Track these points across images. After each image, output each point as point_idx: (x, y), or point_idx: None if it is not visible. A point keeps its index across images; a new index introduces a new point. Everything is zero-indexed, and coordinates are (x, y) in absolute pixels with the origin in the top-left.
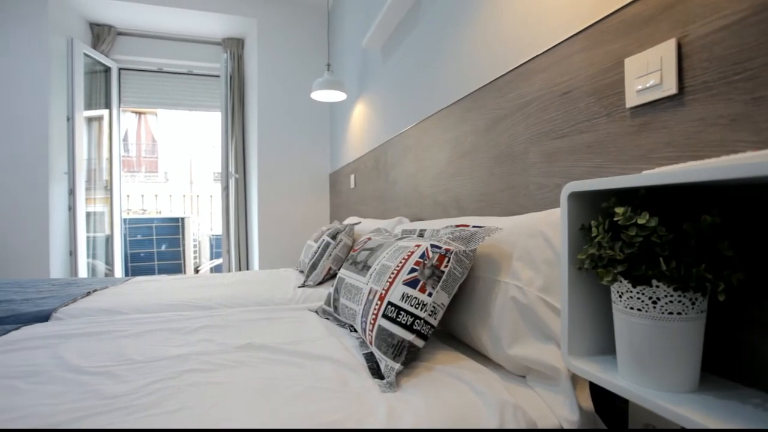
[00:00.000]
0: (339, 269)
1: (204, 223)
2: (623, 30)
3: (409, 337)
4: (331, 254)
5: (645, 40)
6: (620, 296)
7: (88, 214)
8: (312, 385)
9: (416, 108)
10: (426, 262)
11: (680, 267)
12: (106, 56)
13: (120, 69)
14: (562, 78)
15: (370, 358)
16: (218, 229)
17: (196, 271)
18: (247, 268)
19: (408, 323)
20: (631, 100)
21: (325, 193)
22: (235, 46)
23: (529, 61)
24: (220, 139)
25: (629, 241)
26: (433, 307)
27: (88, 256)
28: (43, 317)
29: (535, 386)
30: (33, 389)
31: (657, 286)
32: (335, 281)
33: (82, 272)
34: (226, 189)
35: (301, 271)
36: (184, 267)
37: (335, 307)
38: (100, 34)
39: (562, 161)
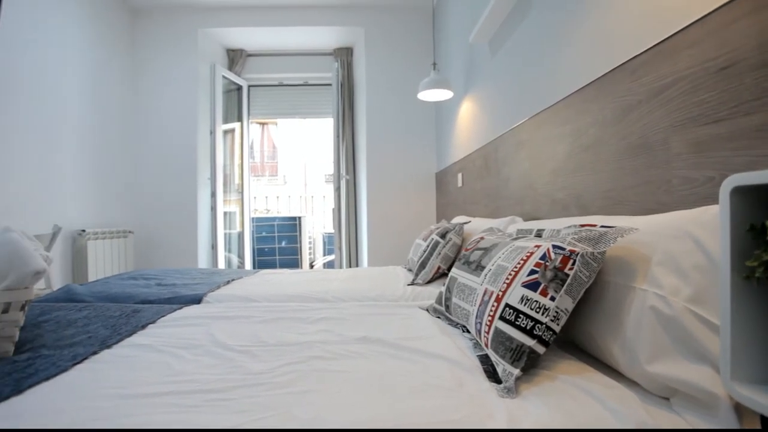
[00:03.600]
0: (448, 268)
1: (317, 222)
2: None
3: (529, 342)
4: (440, 253)
5: None
6: None
7: (224, 214)
8: (427, 382)
9: (529, 101)
10: (548, 263)
11: None
12: (238, 76)
13: (249, 86)
14: (720, 51)
15: (485, 361)
16: (330, 227)
17: (311, 266)
18: (357, 265)
19: (528, 327)
20: None
21: (431, 192)
22: (344, 55)
23: (671, 36)
24: (332, 143)
25: None
26: (556, 312)
27: (225, 250)
28: (197, 300)
29: (684, 412)
30: (194, 359)
31: None
32: (446, 280)
33: (221, 263)
34: (338, 190)
35: (410, 270)
36: (301, 262)
37: (447, 306)
38: (234, 57)
39: (718, 150)
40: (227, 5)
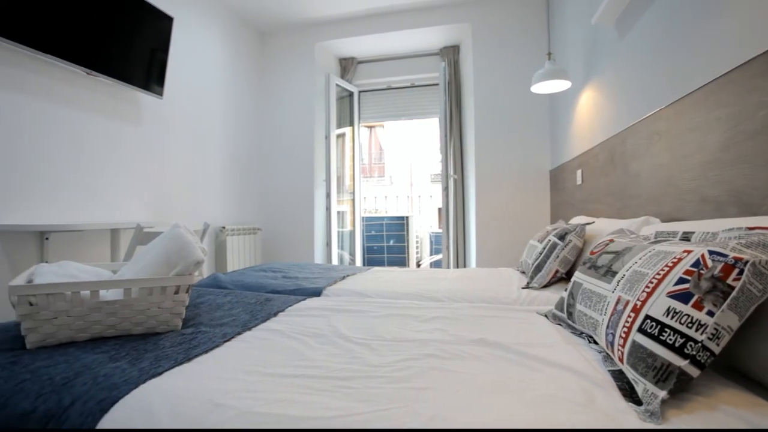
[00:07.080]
0: (567, 273)
1: (424, 221)
2: None
3: (679, 362)
4: (558, 256)
5: None
6: None
7: (337, 213)
8: (552, 393)
9: (668, 85)
10: (703, 272)
11: None
12: (349, 83)
13: (359, 92)
14: None
15: (619, 377)
16: (437, 227)
17: (418, 264)
18: (464, 265)
19: (677, 344)
20: None
21: (544, 190)
22: (451, 54)
23: None
24: (440, 142)
25: None
26: (716, 329)
27: (338, 247)
28: (317, 293)
29: None
30: (319, 347)
31: None
32: (569, 286)
33: (334, 260)
34: (445, 189)
35: (523, 272)
36: (408, 260)
37: (569, 314)
38: (346, 66)
39: None
40: (340, 18)
